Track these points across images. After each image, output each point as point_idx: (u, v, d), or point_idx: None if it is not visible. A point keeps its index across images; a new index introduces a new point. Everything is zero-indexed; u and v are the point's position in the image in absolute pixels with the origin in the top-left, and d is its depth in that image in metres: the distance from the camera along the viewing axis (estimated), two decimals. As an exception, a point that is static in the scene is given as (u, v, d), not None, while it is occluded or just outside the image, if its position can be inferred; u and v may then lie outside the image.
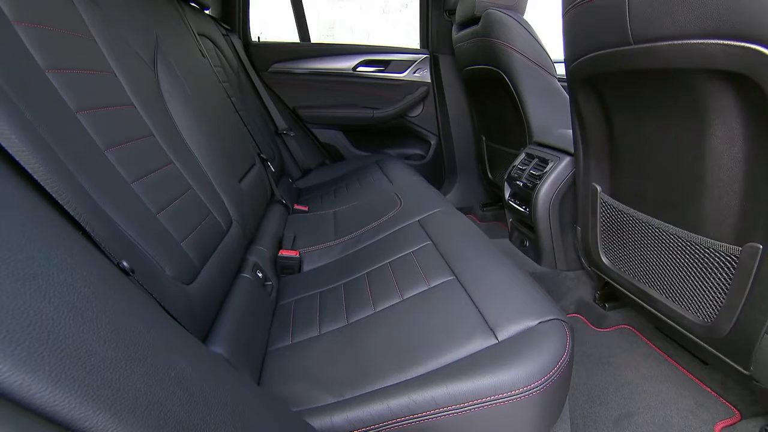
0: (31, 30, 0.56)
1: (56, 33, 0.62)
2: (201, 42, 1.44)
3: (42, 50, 0.57)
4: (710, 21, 0.61)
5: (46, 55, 0.57)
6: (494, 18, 1.52)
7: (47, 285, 0.28)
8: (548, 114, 1.54)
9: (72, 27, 0.67)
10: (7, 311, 0.24)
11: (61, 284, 0.30)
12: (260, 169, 1.44)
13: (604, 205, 1.12)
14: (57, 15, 0.64)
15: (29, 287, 0.27)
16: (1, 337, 0.23)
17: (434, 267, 0.87)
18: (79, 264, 0.34)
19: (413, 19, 2.24)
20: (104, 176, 0.59)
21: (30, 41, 0.56)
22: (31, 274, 0.28)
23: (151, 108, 0.80)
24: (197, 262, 0.73)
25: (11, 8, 0.54)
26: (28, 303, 0.26)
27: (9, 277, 0.26)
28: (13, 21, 0.54)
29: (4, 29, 0.52)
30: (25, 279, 0.27)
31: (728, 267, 0.79)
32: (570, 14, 0.93)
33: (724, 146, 0.72)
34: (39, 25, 0.58)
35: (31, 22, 0.57)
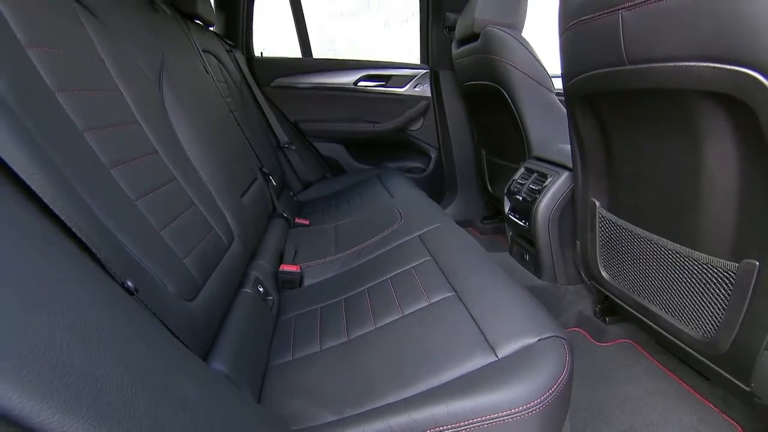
0: (43, 53, 0.58)
1: (66, 55, 0.64)
2: (205, 58, 1.47)
3: (52, 72, 0.59)
4: (700, 45, 0.62)
5: (57, 77, 0.59)
6: (493, 35, 1.55)
7: (56, 310, 0.29)
8: (547, 129, 1.55)
9: (81, 48, 0.69)
10: (17, 338, 0.25)
11: (69, 309, 0.30)
12: (262, 183, 1.46)
13: (602, 219, 1.13)
14: (67, 37, 0.66)
15: (39, 313, 0.28)
16: (13, 364, 0.23)
17: (434, 283, 0.87)
18: (86, 287, 0.35)
19: (414, 33, 2.28)
20: (110, 195, 0.60)
21: (41, 64, 0.57)
22: (41, 299, 0.29)
23: (155, 125, 0.82)
24: (199, 279, 0.74)
25: (25, 33, 0.56)
26: (38, 329, 0.26)
27: (20, 303, 0.27)
28: (26, 45, 0.55)
29: (17, 54, 0.53)
30: (36, 305, 0.28)
31: (726, 283, 0.79)
32: (567, 34, 0.95)
33: (717, 165, 0.74)
34: (50, 49, 0.60)
35: (43, 46, 0.59)
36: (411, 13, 2.31)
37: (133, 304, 0.44)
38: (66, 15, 0.69)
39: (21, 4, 0.57)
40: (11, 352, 0.24)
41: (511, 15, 1.61)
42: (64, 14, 0.68)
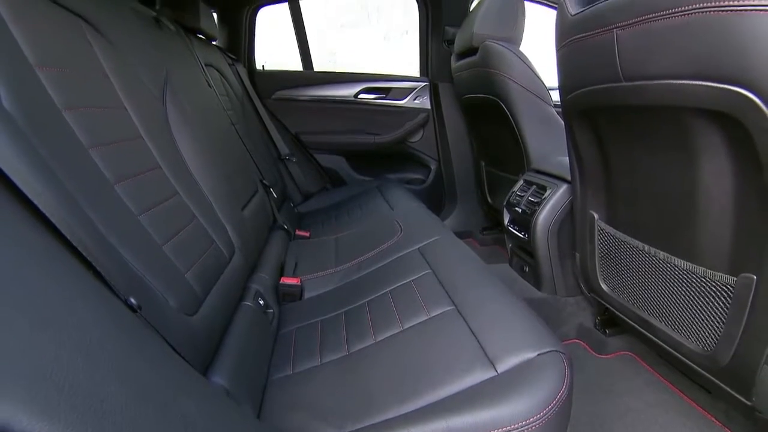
0: (51, 73, 0.59)
1: (73, 73, 0.65)
2: (208, 72, 1.49)
3: (60, 91, 0.60)
4: (693, 64, 0.64)
5: (64, 95, 0.60)
6: (492, 50, 1.57)
7: (62, 330, 0.30)
8: (545, 142, 1.57)
9: (88, 66, 0.71)
10: (26, 359, 0.25)
11: (74, 328, 0.31)
12: (263, 196, 1.47)
13: (601, 232, 1.13)
14: (75, 56, 0.68)
15: (46, 334, 0.28)
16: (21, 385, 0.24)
17: (434, 296, 0.88)
18: (91, 305, 0.35)
19: (413, 45, 2.31)
20: (113, 210, 0.61)
21: (49, 83, 0.59)
22: (48, 320, 0.29)
23: (158, 140, 0.83)
24: (200, 293, 0.74)
25: (34, 54, 0.57)
26: (45, 350, 0.27)
27: (27, 323, 0.28)
28: (35, 65, 0.57)
29: (27, 74, 0.55)
30: (42, 325, 0.28)
31: (724, 297, 0.79)
32: (564, 50, 0.96)
33: (713, 180, 0.74)
34: (58, 68, 0.61)
35: (51, 66, 0.60)
36: (410, 26, 2.34)
37: (135, 321, 0.44)
38: (74, 34, 0.70)
39: (32, 25, 0.59)
40: (20, 374, 0.25)
41: (509, 30, 1.64)
42: (72, 33, 0.70)
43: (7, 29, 0.55)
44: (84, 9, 0.74)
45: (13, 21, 0.56)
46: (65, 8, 0.69)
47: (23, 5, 0.59)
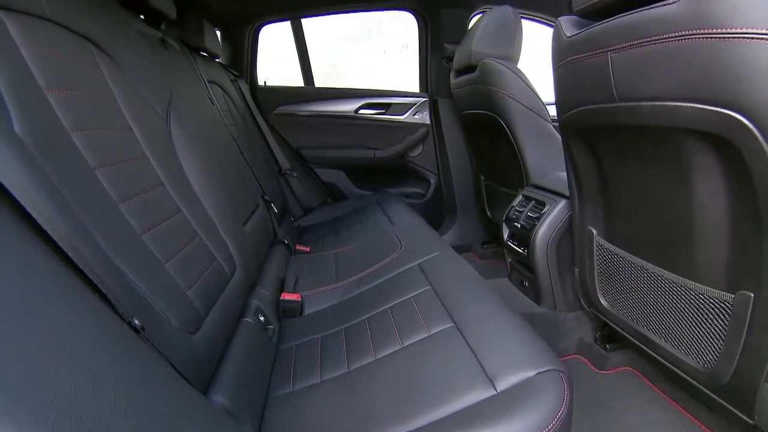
0: (60, 96, 0.61)
1: (82, 96, 0.67)
2: (211, 89, 1.52)
3: (68, 113, 0.61)
4: (685, 87, 0.65)
5: (72, 117, 0.62)
6: (490, 67, 1.60)
7: (69, 355, 0.30)
8: (544, 157, 1.59)
9: (96, 88, 0.72)
10: (34, 387, 0.26)
11: (81, 353, 0.32)
12: (263, 211, 1.48)
13: (600, 248, 1.14)
14: (83, 79, 0.69)
15: (54, 359, 0.29)
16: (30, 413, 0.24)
17: (434, 313, 0.88)
18: (97, 329, 0.36)
19: (412, 58, 2.35)
20: (118, 230, 0.62)
21: (58, 106, 0.60)
22: (56, 346, 0.30)
23: (162, 159, 0.84)
24: (202, 311, 0.75)
25: (44, 78, 0.59)
26: (53, 376, 0.28)
27: (36, 351, 0.28)
28: (45, 89, 0.58)
29: (37, 98, 0.56)
30: (50, 351, 0.29)
31: (723, 314, 0.80)
32: (560, 70, 0.99)
33: (708, 199, 0.75)
34: (67, 91, 0.63)
35: (61, 89, 0.62)
36: (410, 40, 2.38)
37: (139, 343, 0.45)
38: (83, 57, 0.72)
39: (43, 50, 0.61)
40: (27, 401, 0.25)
41: (507, 48, 1.67)
42: (81, 57, 0.72)
43: (19, 54, 0.56)
44: (93, 33, 0.76)
45: (25, 46, 0.58)
46: (75, 32, 0.71)
47: (35, 30, 0.61)
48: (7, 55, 0.53)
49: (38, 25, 0.62)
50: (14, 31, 0.56)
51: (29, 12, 0.60)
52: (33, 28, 0.60)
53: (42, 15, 0.63)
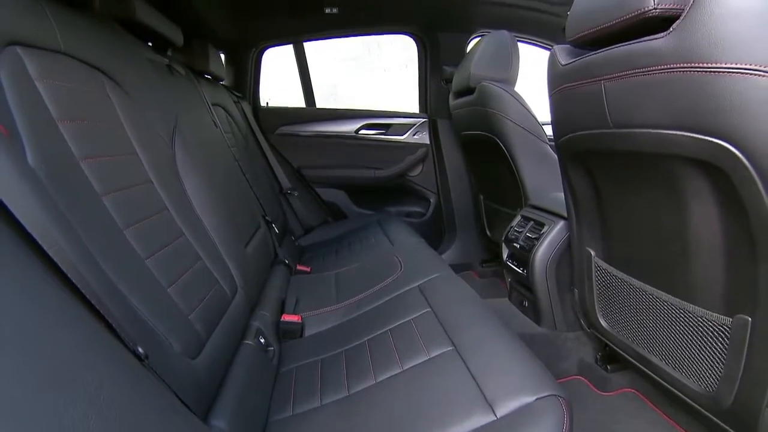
0: (72, 126, 0.63)
1: (92, 125, 0.69)
2: (214, 111, 1.55)
3: (78, 143, 0.63)
4: (676, 117, 0.68)
5: (82, 146, 0.64)
6: (488, 90, 1.64)
7: (76, 388, 0.31)
8: (542, 178, 1.61)
9: (105, 117, 0.75)
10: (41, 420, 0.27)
11: (87, 385, 0.32)
12: (265, 231, 1.49)
13: (598, 269, 1.15)
14: (94, 109, 0.72)
15: (61, 392, 0.30)
16: None
17: (433, 336, 0.88)
18: (103, 360, 0.37)
19: (412, 78, 2.39)
20: (122, 256, 0.63)
21: (69, 135, 0.62)
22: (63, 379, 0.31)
23: (166, 183, 0.86)
24: (203, 334, 0.75)
25: (57, 109, 0.61)
26: (61, 413, 0.28)
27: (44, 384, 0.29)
28: (57, 120, 0.61)
29: (49, 129, 0.58)
30: (57, 384, 0.30)
31: (722, 337, 0.80)
32: (556, 96, 1.01)
33: (702, 223, 0.77)
34: (78, 121, 0.65)
35: (73, 119, 0.64)
36: (410, 59, 2.43)
37: (142, 372, 0.46)
38: (94, 87, 0.75)
39: (56, 82, 0.63)
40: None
41: (504, 71, 1.71)
42: (92, 87, 0.74)
43: (35, 87, 0.59)
44: (104, 63, 0.78)
45: (39, 79, 0.60)
46: (88, 64, 0.74)
47: (50, 64, 0.64)
48: (23, 90, 0.55)
49: (53, 59, 0.65)
50: (30, 66, 0.59)
51: (45, 47, 0.63)
52: (48, 62, 0.63)
53: (57, 49, 0.66)
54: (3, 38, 0.55)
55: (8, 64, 0.54)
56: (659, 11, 0.66)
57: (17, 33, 0.58)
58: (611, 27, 0.76)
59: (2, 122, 0.46)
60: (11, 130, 0.50)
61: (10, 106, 0.52)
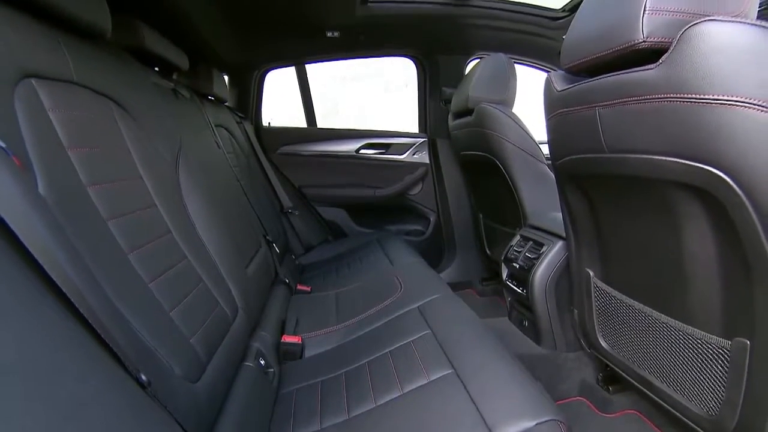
0: (81, 153, 0.65)
1: (100, 152, 0.71)
2: (217, 132, 1.58)
3: (86, 169, 0.65)
4: (668, 144, 0.69)
5: (90, 173, 0.65)
6: (486, 112, 1.67)
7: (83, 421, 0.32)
8: (540, 198, 1.63)
9: (113, 144, 0.77)
10: None
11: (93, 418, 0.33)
12: (265, 251, 1.50)
13: (597, 289, 1.15)
14: (103, 136, 0.74)
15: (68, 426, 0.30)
16: None
17: (433, 359, 0.89)
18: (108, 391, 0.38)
19: (412, 97, 2.44)
20: (126, 280, 0.64)
21: (78, 163, 0.64)
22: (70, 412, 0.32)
23: (170, 206, 0.88)
24: (204, 357, 0.76)
25: (67, 137, 0.63)
26: None
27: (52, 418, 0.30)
28: (67, 147, 0.63)
29: (60, 157, 0.60)
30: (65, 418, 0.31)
31: (722, 360, 0.79)
32: (552, 120, 1.03)
33: (698, 247, 0.78)
34: (87, 148, 0.67)
35: (82, 147, 0.66)
36: (410, 79, 2.47)
37: (145, 400, 0.46)
38: (103, 115, 0.77)
39: (67, 111, 0.65)
40: None
41: (502, 93, 1.75)
42: (102, 115, 0.76)
43: (47, 117, 0.61)
44: (113, 91, 0.81)
45: (52, 109, 0.62)
46: (98, 92, 0.76)
47: (62, 94, 0.66)
48: (36, 121, 0.57)
49: (65, 89, 0.67)
50: (44, 97, 0.61)
51: (58, 78, 0.65)
52: (61, 92, 0.65)
53: (70, 80, 0.68)
54: (20, 72, 0.58)
55: (24, 96, 0.57)
56: (648, 44, 0.68)
57: (33, 66, 0.60)
58: (604, 57, 0.78)
59: (16, 154, 0.48)
60: (24, 160, 0.51)
61: (24, 137, 0.54)
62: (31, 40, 0.62)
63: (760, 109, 0.57)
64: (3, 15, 0.59)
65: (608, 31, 0.76)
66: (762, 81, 0.56)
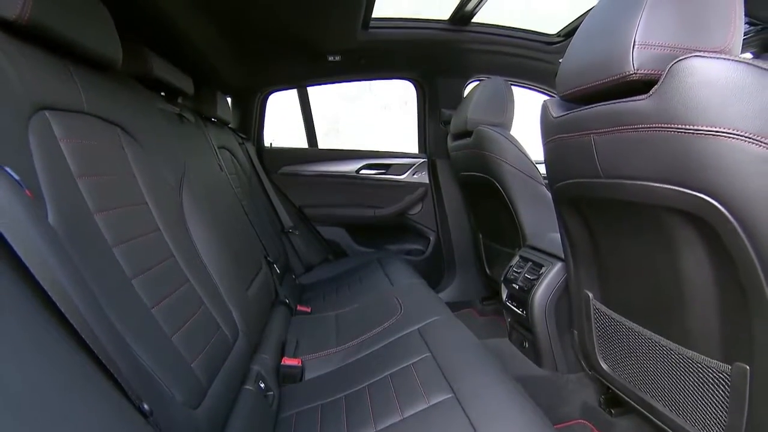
0: (89, 181, 0.67)
1: (107, 179, 0.72)
2: (220, 154, 1.60)
3: (94, 197, 0.67)
4: (661, 171, 0.71)
5: (97, 201, 0.67)
6: (485, 134, 1.70)
7: None
8: (539, 219, 1.64)
9: (120, 170, 0.79)
10: None
11: None
12: (266, 272, 1.51)
13: (597, 311, 1.16)
14: (110, 163, 0.76)
15: None
16: None
17: (433, 383, 0.89)
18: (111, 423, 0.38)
19: (411, 114, 2.48)
20: (130, 307, 0.65)
21: (86, 191, 0.66)
22: None
23: (174, 230, 0.89)
24: (205, 383, 0.76)
25: (77, 166, 0.65)
26: None
27: None
28: (76, 176, 0.64)
29: (69, 186, 0.62)
30: None
31: (723, 385, 0.79)
32: (550, 145, 1.06)
33: (694, 271, 0.79)
34: (95, 176, 0.69)
35: (90, 175, 0.67)
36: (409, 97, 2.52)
37: (146, 428, 0.47)
38: (111, 142, 0.79)
39: (78, 141, 0.67)
40: None
41: (500, 116, 1.78)
42: (110, 142, 0.78)
43: (58, 147, 0.63)
44: (121, 118, 0.83)
45: (63, 139, 0.64)
46: (106, 120, 0.78)
47: (73, 124, 0.68)
48: (48, 151, 0.59)
49: (76, 118, 0.69)
50: (56, 127, 0.63)
51: (70, 109, 0.68)
52: (72, 122, 0.67)
53: (81, 110, 0.71)
54: (35, 105, 0.60)
55: (37, 128, 0.59)
56: (639, 76, 0.71)
57: (47, 98, 0.63)
58: (597, 86, 0.81)
59: (29, 186, 0.50)
60: (36, 192, 0.53)
61: (37, 168, 0.55)
62: (45, 72, 0.65)
63: (746, 140, 0.59)
64: (19, 49, 0.62)
65: (601, 62, 0.79)
66: (746, 114, 0.58)
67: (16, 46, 0.61)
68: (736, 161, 0.60)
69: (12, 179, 0.45)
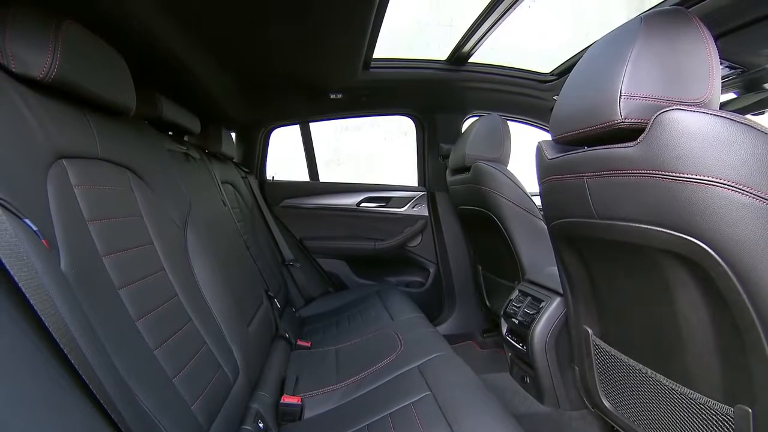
0: (99, 225, 0.69)
1: (116, 222, 0.75)
2: (223, 188, 1.64)
3: (103, 240, 0.69)
4: (651, 214, 0.74)
5: (106, 243, 0.69)
6: (482, 170, 1.74)
7: None
8: (537, 252, 1.66)
9: (129, 213, 0.81)
10: None
11: None
12: (267, 307, 1.51)
13: (597, 348, 1.15)
14: (120, 207, 0.78)
15: None
16: None
17: (433, 423, 0.88)
18: None
19: (411, 144, 2.53)
20: (133, 350, 0.66)
21: (96, 234, 0.68)
22: None
23: (178, 270, 0.90)
24: (205, 425, 0.76)
25: (88, 210, 0.67)
26: None
27: None
28: (88, 221, 0.67)
29: (80, 231, 0.64)
30: None
31: (726, 427, 0.78)
32: (545, 185, 1.09)
33: (690, 311, 0.80)
34: (105, 220, 0.71)
35: (101, 219, 0.70)
36: (409, 128, 2.58)
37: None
38: (122, 185, 0.82)
39: (90, 186, 0.70)
40: None
41: (497, 152, 1.83)
42: (120, 186, 0.81)
43: (73, 194, 0.65)
44: (131, 161, 0.86)
45: (77, 185, 0.67)
46: (118, 164, 0.81)
47: (88, 170, 0.71)
48: (64, 199, 0.62)
49: (91, 165, 0.72)
50: (71, 175, 0.66)
51: (86, 156, 0.71)
52: (86, 168, 0.70)
53: (95, 156, 0.74)
54: (54, 155, 0.63)
55: (55, 177, 0.61)
56: (627, 124, 0.75)
57: (66, 148, 0.66)
58: (589, 132, 0.85)
59: (45, 236, 0.52)
60: (51, 240, 0.55)
61: (53, 217, 0.58)
62: (64, 122, 0.68)
63: (730, 189, 0.61)
64: (41, 102, 0.65)
65: (591, 109, 0.83)
66: (728, 163, 0.62)
67: (39, 99, 0.65)
68: (722, 208, 0.63)
69: (30, 230, 0.47)
